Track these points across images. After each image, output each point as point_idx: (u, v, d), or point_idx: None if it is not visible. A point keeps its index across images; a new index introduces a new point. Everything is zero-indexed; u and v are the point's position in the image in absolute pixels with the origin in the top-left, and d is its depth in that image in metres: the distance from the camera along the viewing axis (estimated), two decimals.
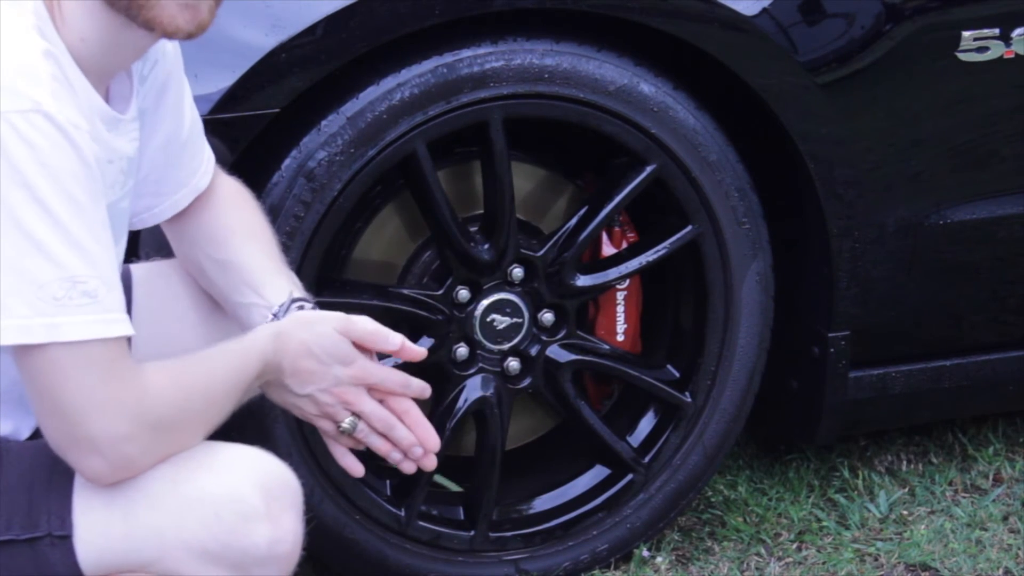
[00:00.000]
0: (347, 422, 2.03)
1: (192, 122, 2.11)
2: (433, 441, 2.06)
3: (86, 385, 1.73)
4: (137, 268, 2.21)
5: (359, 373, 2.00)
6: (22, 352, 1.73)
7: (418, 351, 2.06)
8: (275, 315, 2.04)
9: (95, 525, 1.79)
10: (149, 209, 2.13)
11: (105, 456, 1.76)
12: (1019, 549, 2.82)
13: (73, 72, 1.79)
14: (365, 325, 2.02)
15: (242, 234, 2.15)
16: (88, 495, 1.80)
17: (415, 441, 2.05)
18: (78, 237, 1.71)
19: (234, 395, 1.89)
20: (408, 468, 2.07)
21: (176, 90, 2.07)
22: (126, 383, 1.76)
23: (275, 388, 1.99)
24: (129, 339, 1.78)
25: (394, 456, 2.06)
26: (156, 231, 2.24)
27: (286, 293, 2.07)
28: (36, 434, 1.89)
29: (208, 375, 1.86)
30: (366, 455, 2.65)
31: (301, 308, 2.06)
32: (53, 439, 1.78)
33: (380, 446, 2.06)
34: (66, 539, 1.79)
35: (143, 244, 2.33)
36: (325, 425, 2.04)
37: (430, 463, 2.07)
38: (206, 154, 2.16)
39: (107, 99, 1.88)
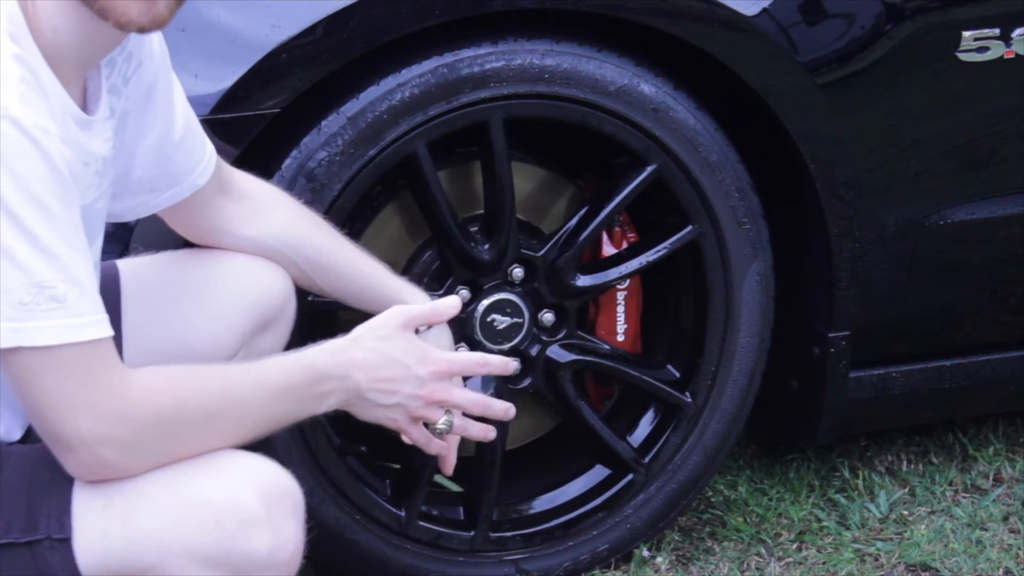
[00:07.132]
0: (442, 422, 1.98)
1: (186, 122, 2.09)
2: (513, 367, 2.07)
3: (58, 387, 1.71)
4: (125, 263, 2.19)
5: (442, 367, 1.95)
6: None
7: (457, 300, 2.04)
8: None
9: (94, 528, 1.77)
10: (145, 204, 2.12)
11: (79, 457, 1.74)
12: (1019, 549, 2.82)
13: (45, 75, 1.76)
14: (419, 307, 1.98)
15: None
16: (88, 498, 1.78)
17: (508, 404, 2.04)
18: (46, 243, 1.68)
19: (266, 412, 1.85)
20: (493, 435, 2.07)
21: (165, 92, 2.04)
22: (104, 386, 1.73)
23: (360, 406, 1.94)
24: (114, 338, 1.76)
25: (490, 435, 2.04)
26: (147, 229, 2.25)
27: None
28: (28, 433, 1.89)
29: (221, 388, 1.82)
30: (366, 454, 2.66)
31: None
32: (39, 434, 1.77)
33: (478, 432, 2.03)
34: (65, 542, 1.77)
35: (134, 239, 2.32)
36: (417, 434, 1.99)
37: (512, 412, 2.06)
38: (208, 150, 2.13)
39: (84, 99, 1.86)
